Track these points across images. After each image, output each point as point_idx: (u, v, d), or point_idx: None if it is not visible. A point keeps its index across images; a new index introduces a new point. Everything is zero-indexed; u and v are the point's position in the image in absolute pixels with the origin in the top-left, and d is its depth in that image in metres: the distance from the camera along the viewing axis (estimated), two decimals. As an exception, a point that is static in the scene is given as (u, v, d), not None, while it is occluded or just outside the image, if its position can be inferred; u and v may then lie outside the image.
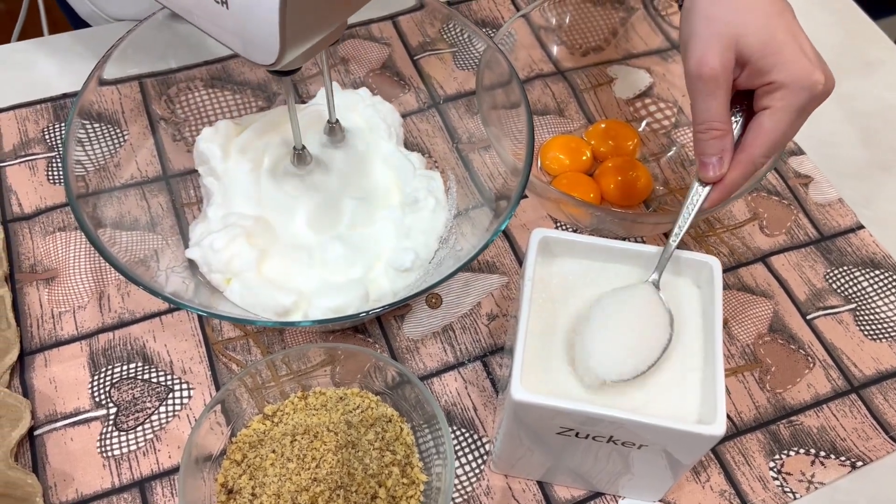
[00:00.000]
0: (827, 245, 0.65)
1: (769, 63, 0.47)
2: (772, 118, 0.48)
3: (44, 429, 0.53)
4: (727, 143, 0.48)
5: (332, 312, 0.54)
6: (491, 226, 0.55)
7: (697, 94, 0.48)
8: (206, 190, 0.61)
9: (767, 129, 0.48)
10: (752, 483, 0.54)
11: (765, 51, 0.47)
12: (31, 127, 0.68)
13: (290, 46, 0.40)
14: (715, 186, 0.50)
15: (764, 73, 0.47)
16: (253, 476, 0.49)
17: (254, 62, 0.41)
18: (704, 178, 0.49)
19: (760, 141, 0.48)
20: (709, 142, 0.48)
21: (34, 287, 0.59)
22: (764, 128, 0.48)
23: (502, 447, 0.51)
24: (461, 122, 0.67)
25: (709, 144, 0.48)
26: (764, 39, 0.47)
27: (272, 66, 0.41)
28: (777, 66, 0.47)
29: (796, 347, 0.60)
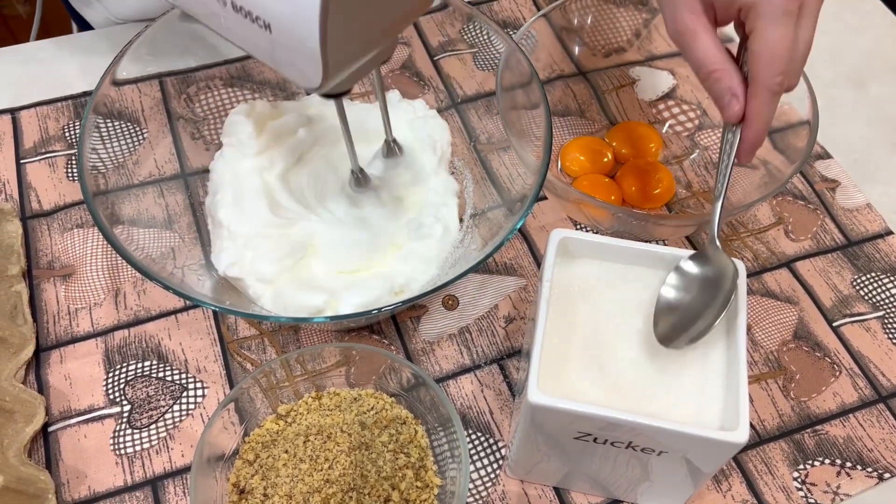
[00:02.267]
0: (854, 251, 0.63)
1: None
2: (757, 39, 0.47)
3: (58, 425, 0.53)
4: (733, 79, 0.48)
5: (359, 308, 0.53)
6: (507, 225, 0.54)
7: (685, 48, 0.49)
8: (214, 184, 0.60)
9: (758, 51, 0.47)
10: (775, 493, 0.52)
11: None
12: (51, 125, 0.68)
13: (334, 71, 0.39)
14: (745, 126, 0.49)
15: (730, 4, 0.47)
16: (265, 476, 0.48)
17: (300, 85, 0.41)
18: (727, 118, 0.49)
19: (758, 64, 0.47)
20: (714, 85, 0.48)
21: (51, 283, 0.59)
22: (754, 51, 0.47)
23: (518, 452, 0.50)
24: (480, 122, 0.66)
25: (717, 85, 0.48)
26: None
27: (318, 90, 0.40)
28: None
29: (822, 355, 0.58)
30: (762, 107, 0.48)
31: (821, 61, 0.76)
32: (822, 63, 0.76)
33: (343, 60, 0.40)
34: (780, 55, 0.46)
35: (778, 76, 0.47)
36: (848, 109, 0.73)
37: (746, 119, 0.48)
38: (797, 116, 0.60)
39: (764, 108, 0.48)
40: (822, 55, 0.77)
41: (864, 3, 0.81)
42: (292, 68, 0.39)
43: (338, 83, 0.42)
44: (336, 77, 0.40)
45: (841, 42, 0.78)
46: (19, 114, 0.69)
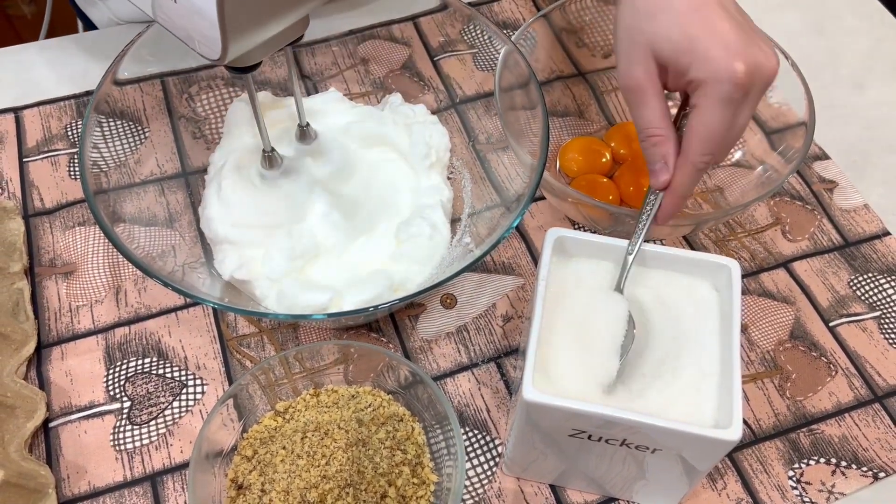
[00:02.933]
0: (851, 251, 0.64)
1: (684, 62, 0.46)
2: (697, 116, 0.47)
3: (58, 421, 0.54)
4: (669, 148, 0.49)
5: (361, 305, 0.54)
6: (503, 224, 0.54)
7: (631, 105, 0.49)
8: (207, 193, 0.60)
9: (695, 128, 0.47)
10: (769, 492, 0.53)
11: (678, 51, 0.46)
12: (54, 123, 0.69)
13: (234, 40, 0.39)
14: (667, 193, 0.50)
15: (682, 73, 0.47)
16: (263, 472, 0.49)
17: (204, 57, 0.41)
18: (654, 185, 0.50)
19: (692, 140, 0.48)
20: (651, 149, 0.49)
21: (53, 281, 0.60)
22: (692, 127, 0.48)
23: (514, 449, 0.50)
24: (480, 122, 0.66)
25: (651, 151, 0.49)
26: (676, 40, 0.46)
27: (219, 60, 0.40)
28: (693, 64, 0.46)
29: (818, 355, 0.58)
30: (686, 178, 0.49)
31: (820, 63, 0.76)
32: (820, 65, 0.76)
33: (243, 28, 0.40)
34: (714, 137, 0.47)
35: (707, 156, 0.48)
36: (846, 111, 0.73)
37: (670, 187, 0.50)
38: (795, 117, 0.61)
39: (687, 181, 0.49)
40: (821, 57, 0.77)
41: (863, 4, 0.81)
42: (194, 36, 0.39)
43: (242, 55, 0.42)
44: (237, 46, 0.40)
45: (840, 44, 0.78)
46: (22, 113, 0.69)
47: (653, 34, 0.47)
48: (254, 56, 0.44)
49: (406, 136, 0.63)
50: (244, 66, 0.45)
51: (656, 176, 0.50)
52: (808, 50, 0.77)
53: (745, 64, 0.45)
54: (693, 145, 0.48)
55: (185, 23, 0.40)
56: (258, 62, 0.45)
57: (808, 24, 0.80)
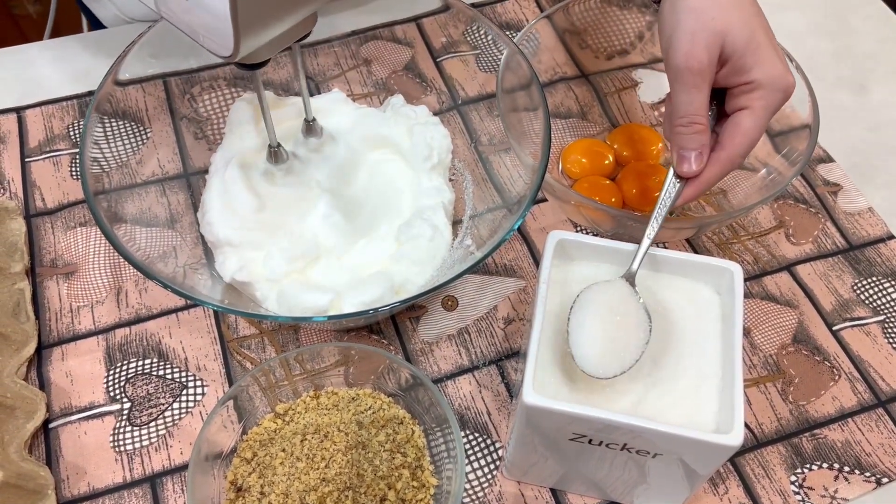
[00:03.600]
0: (855, 255, 0.63)
1: (750, 62, 0.47)
2: (751, 117, 0.48)
3: (58, 422, 0.54)
4: (706, 139, 0.49)
5: (362, 307, 0.53)
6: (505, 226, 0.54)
7: (683, 86, 0.48)
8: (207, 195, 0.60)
9: (747, 129, 0.48)
10: (772, 497, 0.52)
11: (747, 49, 0.47)
12: (56, 124, 0.69)
13: (246, 37, 0.39)
14: (690, 182, 0.50)
15: (744, 71, 0.47)
16: (262, 474, 0.48)
17: (214, 53, 0.41)
18: (683, 172, 0.49)
19: (740, 140, 0.49)
20: (691, 136, 0.48)
21: (54, 281, 0.60)
22: (743, 127, 0.48)
23: (515, 453, 0.50)
24: (482, 123, 0.66)
25: (690, 139, 0.48)
26: (747, 37, 0.47)
27: (230, 57, 0.40)
28: (757, 65, 0.47)
29: (821, 359, 0.58)
30: (719, 173, 0.49)
31: (823, 65, 0.76)
32: (824, 66, 0.76)
33: (255, 25, 0.40)
34: (756, 140, 0.49)
35: (745, 156, 0.49)
36: (850, 113, 0.73)
37: (700, 178, 0.50)
38: (798, 119, 0.60)
39: (718, 175, 0.50)
40: (825, 58, 0.77)
41: (867, 6, 0.81)
42: (205, 32, 0.39)
43: (252, 52, 0.42)
44: (248, 43, 0.40)
45: (844, 45, 0.78)
46: (25, 112, 0.69)
47: (728, 24, 0.47)
48: (264, 52, 0.44)
49: (407, 138, 0.63)
50: (253, 63, 0.45)
51: (690, 164, 0.49)
52: (813, 51, 0.77)
53: (793, 79, 0.48)
54: (738, 143, 0.48)
55: (195, 19, 0.40)
56: (268, 58, 0.45)
57: (813, 25, 0.80)
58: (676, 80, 0.48)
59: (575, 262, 0.50)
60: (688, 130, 0.48)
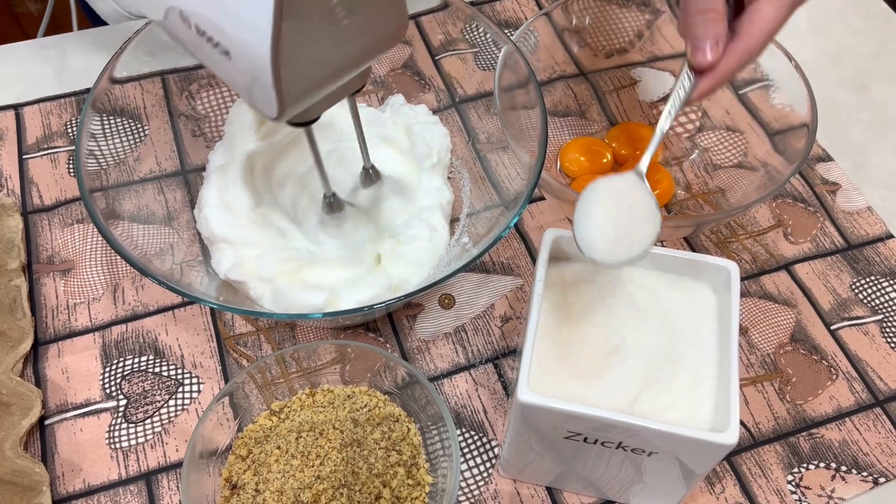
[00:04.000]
0: (854, 254, 0.63)
1: None
2: (772, 5, 0.45)
3: (54, 419, 0.54)
4: (723, 28, 0.46)
5: (359, 305, 0.53)
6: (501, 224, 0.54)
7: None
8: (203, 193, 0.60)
9: (767, 17, 0.46)
10: (768, 496, 0.52)
11: None
12: (54, 121, 0.69)
13: (290, 102, 0.38)
14: (706, 74, 0.47)
15: None
16: (257, 472, 0.48)
17: (262, 114, 0.40)
18: (698, 62, 0.47)
19: (759, 29, 0.46)
20: (706, 23, 0.46)
21: (50, 278, 0.60)
22: (763, 14, 0.46)
23: (510, 451, 0.50)
24: (480, 121, 0.66)
25: (707, 26, 0.46)
26: None
27: (277, 119, 0.39)
28: None
29: (819, 358, 0.58)
30: (736, 65, 0.47)
31: (824, 64, 0.76)
32: (824, 66, 0.76)
33: (299, 91, 0.39)
34: (773, 32, 0.46)
35: (762, 48, 0.46)
36: (850, 112, 0.72)
37: (717, 71, 0.47)
38: (798, 118, 0.60)
39: (735, 67, 0.47)
40: (825, 58, 0.76)
41: (868, 6, 0.81)
42: (252, 96, 0.38)
43: (300, 113, 0.41)
44: (293, 107, 0.39)
45: (844, 45, 0.78)
46: (22, 109, 0.69)
47: None
48: (313, 112, 0.43)
49: (406, 137, 0.63)
50: (305, 121, 0.44)
51: (704, 53, 0.46)
52: (813, 51, 0.77)
53: None
54: (757, 32, 0.46)
55: (241, 79, 0.38)
56: (317, 116, 0.44)
57: (813, 25, 0.79)
58: None
59: (571, 261, 0.50)
60: (703, 18, 0.46)
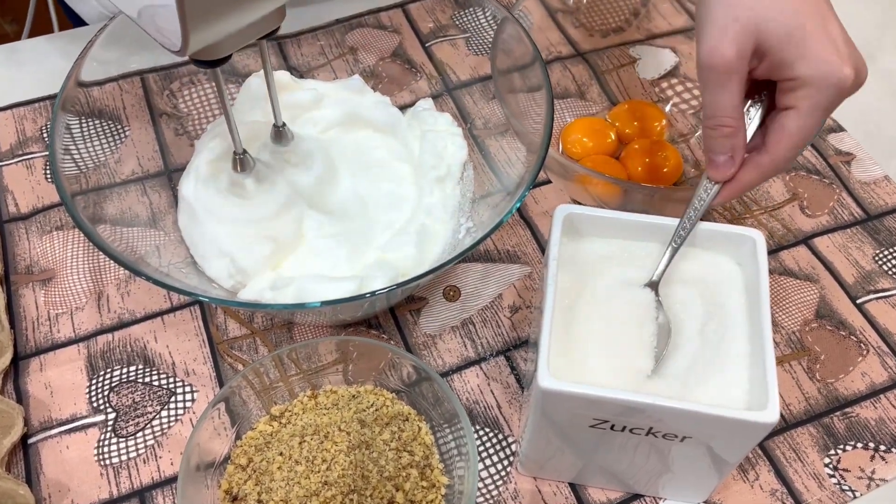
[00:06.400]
0: (874, 225, 0.60)
1: (792, 55, 0.41)
2: (796, 120, 0.43)
3: (38, 436, 0.50)
4: (739, 141, 0.44)
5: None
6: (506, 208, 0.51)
7: (708, 84, 0.43)
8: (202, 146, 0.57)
9: (791, 132, 0.43)
10: (805, 481, 0.49)
11: (789, 41, 0.41)
12: (28, 126, 0.65)
13: (195, 30, 0.36)
14: (725, 185, 0.45)
15: (786, 66, 0.42)
16: (259, 481, 0.45)
17: (165, 48, 0.38)
18: (713, 177, 0.45)
19: (784, 144, 0.44)
20: (718, 139, 0.44)
21: (30, 288, 0.56)
22: (787, 130, 0.43)
23: (530, 446, 0.46)
24: (476, 107, 0.63)
25: (718, 142, 0.44)
26: (789, 28, 0.41)
27: (180, 52, 0.37)
28: (801, 60, 0.41)
29: (847, 334, 0.55)
30: (757, 180, 0.45)
31: (827, 34, 0.73)
32: (828, 36, 0.73)
33: (205, 19, 0.36)
34: (805, 142, 0.44)
35: (791, 160, 0.45)
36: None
37: (735, 183, 0.45)
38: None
39: (757, 181, 0.45)
40: (828, 28, 0.74)
41: (868, -26, 0.79)
42: (155, 26, 0.37)
43: (207, 48, 0.39)
44: (198, 37, 0.37)
45: (850, 14, 0.74)
46: (-5, 116, 0.66)
47: (763, 14, 0.41)
48: (222, 49, 0.41)
49: (416, 143, 0.60)
50: (211, 60, 0.41)
51: (719, 169, 0.45)
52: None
53: (854, 70, 0.41)
54: (783, 147, 0.43)
55: (147, 11, 0.37)
56: (227, 56, 0.42)
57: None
58: (702, 77, 0.44)
59: (585, 239, 0.47)
60: (715, 133, 0.44)
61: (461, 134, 0.60)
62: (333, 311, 0.50)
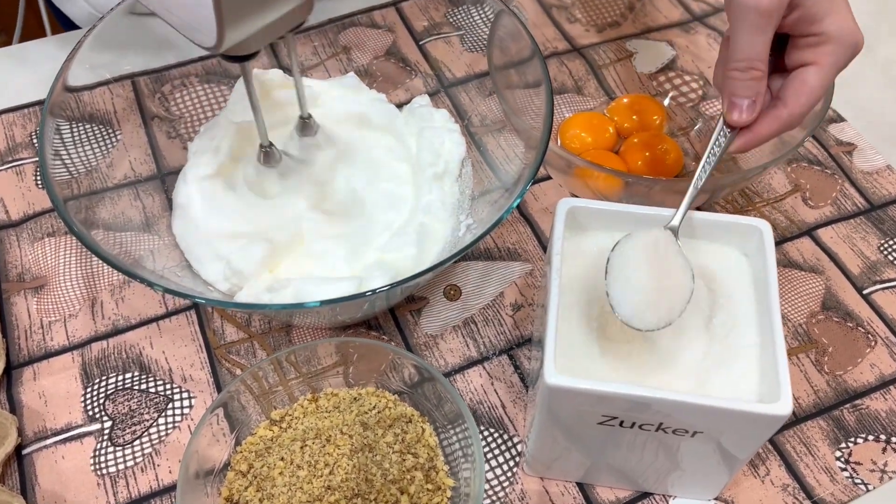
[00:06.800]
0: (878, 214, 0.60)
1: (823, 10, 0.42)
2: (819, 75, 0.43)
3: (33, 447, 0.49)
4: (762, 86, 0.44)
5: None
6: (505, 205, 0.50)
7: (747, 27, 0.43)
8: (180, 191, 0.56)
9: (813, 87, 0.44)
10: (817, 475, 0.48)
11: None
12: (18, 132, 0.64)
13: (230, 26, 0.36)
14: (741, 133, 0.45)
15: (815, 20, 0.43)
16: (260, 487, 0.44)
17: (199, 45, 0.38)
18: (733, 120, 0.45)
19: (805, 99, 0.44)
20: (747, 82, 0.44)
21: (22, 296, 0.55)
22: (809, 85, 0.44)
23: (536, 446, 0.45)
24: (472, 104, 0.62)
25: (746, 85, 0.44)
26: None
27: (215, 48, 0.37)
28: (830, 16, 0.42)
29: (854, 325, 0.54)
30: (775, 132, 0.45)
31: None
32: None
33: (240, 14, 0.37)
34: (818, 101, 0.44)
35: (805, 115, 0.45)
36: (856, 72, 0.69)
37: (754, 132, 0.45)
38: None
39: (774, 133, 0.45)
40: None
41: (864, -35, 0.78)
42: (189, 23, 0.37)
43: (239, 43, 0.39)
44: (234, 33, 0.37)
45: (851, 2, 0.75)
46: (-16, 122, 0.65)
47: None
48: (252, 44, 0.41)
49: (415, 141, 0.59)
50: (241, 55, 0.41)
51: (742, 112, 0.44)
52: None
53: (862, 37, 0.44)
54: (803, 102, 0.44)
55: (179, 9, 0.37)
56: (257, 50, 0.42)
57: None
58: (740, 18, 0.43)
59: (588, 232, 0.46)
60: (744, 76, 0.44)
61: (459, 130, 0.59)
62: (332, 312, 0.49)
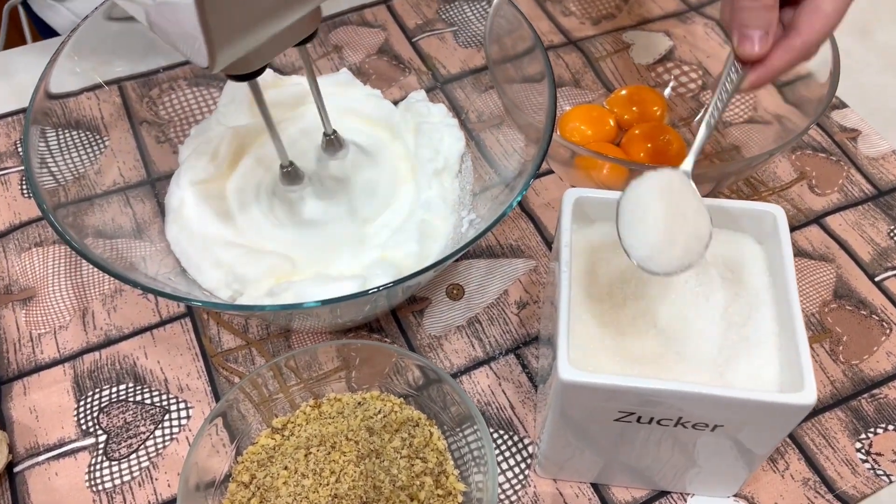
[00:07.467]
0: (886, 200, 0.59)
1: None
2: (832, 2, 0.41)
3: (24, 464, 0.47)
4: (774, 17, 0.42)
5: None
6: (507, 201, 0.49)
7: None
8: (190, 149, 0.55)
9: (828, 14, 0.42)
10: (838, 468, 0.47)
11: None
12: (2, 141, 0.63)
13: (222, 46, 0.33)
14: (753, 67, 0.43)
15: None
16: (264, 498, 0.42)
17: (196, 64, 0.35)
18: (746, 53, 0.42)
19: (819, 26, 0.42)
20: (758, 11, 0.41)
21: (10, 309, 0.53)
22: (823, 12, 0.42)
23: (548, 446, 0.44)
24: (468, 100, 0.61)
25: (757, 14, 0.41)
26: None
27: (208, 69, 0.34)
28: None
29: (868, 313, 0.53)
30: (789, 64, 0.43)
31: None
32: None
33: (231, 34, 0.34)
34: (831, 30, 0.42)
35: (819, 46, 0.43)
36: (857, 58, 0.68)
37: (767, 66, 0.43)
38: (803, 67, 0.56)
39: (788, 66, 0.43)
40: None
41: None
42: (182, 42, 0.34)
43: (240, 60, 0.36)
44: (226, 53, 0.34)
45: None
46: (-34, 132, 0.63)
47: None
48: (255, 60, 0.38)
49: (413, 137, 0.57)
50: (245, 73, 0.39)
51: (754, 44, 0.42)
52: None
53: None
54: (818, 30, 0.42)
55: (170, 27, 0.34)
56: (262, 67, 0.39)
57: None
58: None
59: (594, 224, 0.45)
60: (755, 4, 0.41)
61: (457, 125, 0.58)
62: (333, 313, 0.48)
